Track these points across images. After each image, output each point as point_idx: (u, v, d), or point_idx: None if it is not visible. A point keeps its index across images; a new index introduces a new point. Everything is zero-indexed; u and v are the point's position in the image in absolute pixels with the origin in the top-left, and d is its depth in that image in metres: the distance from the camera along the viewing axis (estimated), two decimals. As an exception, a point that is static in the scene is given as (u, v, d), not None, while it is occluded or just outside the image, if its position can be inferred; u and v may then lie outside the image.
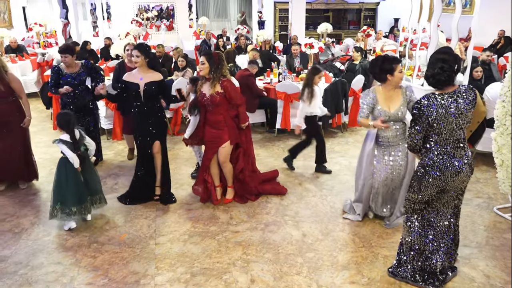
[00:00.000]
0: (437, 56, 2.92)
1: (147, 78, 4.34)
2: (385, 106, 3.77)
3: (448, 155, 2.95)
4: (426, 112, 2.88)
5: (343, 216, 4.31)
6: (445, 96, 2.90)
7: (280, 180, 5.12)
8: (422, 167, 3.04)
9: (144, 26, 16.76)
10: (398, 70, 3.70)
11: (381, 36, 12.10)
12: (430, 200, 3.08)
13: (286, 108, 6.52)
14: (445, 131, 2.90)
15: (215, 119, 4.36)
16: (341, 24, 18.01)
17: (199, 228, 4.14)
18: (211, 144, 4.46)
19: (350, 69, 7.94)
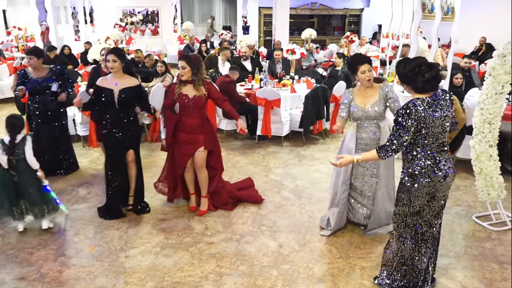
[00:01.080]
0: (411, 66, 2.80)
1: (122, 83, 4.17)
2: (361, 103, 3.84)
3: (435, 160, 2.86)
4: (414, 116, 2.74)
5: (320, 233, 4.11)
6: (429, 100, 2.81)
7: (258, 189, 5.00)
8: (409, 176, 2.91)
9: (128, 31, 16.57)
10: (360, 70, 3.75)
11: (364, 42, 12.15)
12: (421, 210, 2.96)
13: (266, 115, 6.42)
14: (432, 136, 2.82)
15: (193, 122, 4.20)
16: (326, 30, 18.05)
17: (172, 240, 4.00)
18: (186, 147, 4.28)
19: (332, 75, 7.89)
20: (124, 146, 4.29)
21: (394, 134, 2.80)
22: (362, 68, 3.73)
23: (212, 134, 4.36)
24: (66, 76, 5.19)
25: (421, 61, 2.79)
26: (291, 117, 6.73)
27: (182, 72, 4.11)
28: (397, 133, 2.78)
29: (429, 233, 3.02)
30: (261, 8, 16.83)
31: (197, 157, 4.31)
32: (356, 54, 3.95)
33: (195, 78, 4.11)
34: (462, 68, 6.88)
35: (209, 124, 4.33)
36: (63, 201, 4.76)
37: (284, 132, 6.60)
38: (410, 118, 2.74)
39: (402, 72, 2.83)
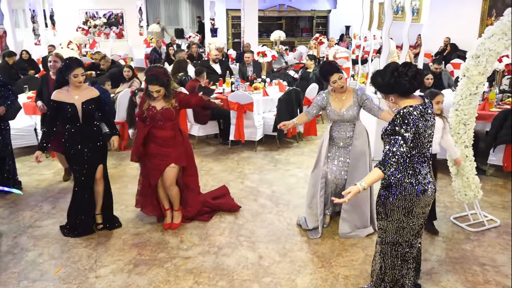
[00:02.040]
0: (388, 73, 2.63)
1: (83, 95, 3.84)
2: (337, 107, 3.89)
3: (414, 171, 2.68)
4: (412, 125, 2.55)
5: (310, 237, 4.06)
6: (421, 108, 2.63)
7: (234, 196, 4.84)
8: (384, 188, 2.76)
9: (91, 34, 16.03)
10: (331, 80, 3.83)
11: (333, 44, 12.19)
12: (401, 228, 2.78)
13: (239, 119, 6.27)
14: (420, 145, 2.64)
15: (163, 135, 3.96)
16: (294, 32, 18.07)
17: (146, 256, 3.77)
18: (156, 162, 4.03)
19: (304, 77, 7.82)
20: (94, 163, 3.99)
21: (393, 144, 2.55)
22: (333, 78, 3.81)
23: (185, 148, 4.11)
24: (8, 87, 4.73)
25: (395, 65, 2.63)
26: (264, 121, 6.61)
27: (158, 95, 3.87)
28: (396, 143, 2.54)
29: (410, 253, 2.88)
30: (229, 10, 16.67)
31: (167, 174, 4.04)
32: (325, 63, 3.96)
33: (168, 94, 3.90)
34: (433, 72, 6.94)
35: (182, 137, 4.09)
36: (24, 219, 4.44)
37: (258, 137, 6.47)
38: (409, 126, 2.54)
39: (382, 83, 2.63)
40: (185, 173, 4.19)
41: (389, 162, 2.55)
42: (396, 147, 2.54)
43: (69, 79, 3.79)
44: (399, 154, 2.54)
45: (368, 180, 2.63)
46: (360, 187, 2.62)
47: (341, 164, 3.99)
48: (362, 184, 2.62)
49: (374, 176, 2.61)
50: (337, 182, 4.02)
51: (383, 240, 2.89)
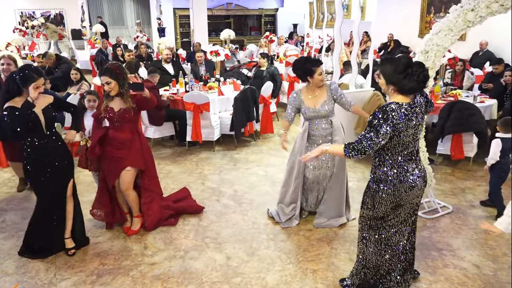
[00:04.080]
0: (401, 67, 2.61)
1: (39, 104, 3.45)
2: (311, 104, 3.91)
3: (402, 169, 2.74)
4: (390, 122, 2.58)
5: (282, 226, 4.19)
6: (407, 107, 2.67)
7: (196, 198, 4.77)
8: (374, 181, 2.82)
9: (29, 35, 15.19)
10: (317, 72, 3.84)
11: (282, 42, 12.35)
12: (386, 216, 2.87)
13: (196, 120, 6.19)
14: (402, 144, 2.70)
15: (121, 137, 3.81)
16: (243, 30, 18.14)
17: (109, 265, 3.63)
18: (112, 165, 3.87)
19: (258, 75, 7.85)
20: (62, 179, 3.63)
21: (365, 135, 2.62)
22: (319, 71, 3.82)
23: (143, 150, 3.95)
24: None
25: (409, 61, 2.62)
26: (221, 121, 6.57)
27: (109, 88, 3.68)
28: (368, 134, 2.61)
29: (395, 238, 2.93)
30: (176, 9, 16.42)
31: (123, 178, 3.87)
32: (307, 58, 3.91)
33: (123, 91, 3.73)
34: (380, 64, 7.23)
35: (140, 139, 3.95)
36: (-29, 235, 4.12)
37: (215, 137, 6.43)
38: (386, 123, 2.58)
39: (391, 72, 2.61)
40: (145, 177, 4.06)
41: (355, 147, 2.64)
42: (366, 137, 2.61)
43: (26, 90, 3.36)
44: (366, 146, 2.61)
45: (332, 149, 2.84)
46: (324, 149, 2.84)
47: (325, 162, 4.00)
48: (326, 147, 2.85)
49: (337, 149, 2.78)
50: (322, 180, 4.07)
51: (364, 227, 2.96)
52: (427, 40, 4.13)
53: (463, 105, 5.51)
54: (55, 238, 3.72)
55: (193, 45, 11.28)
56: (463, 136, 5.49)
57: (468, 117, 5.37)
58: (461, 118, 5.39)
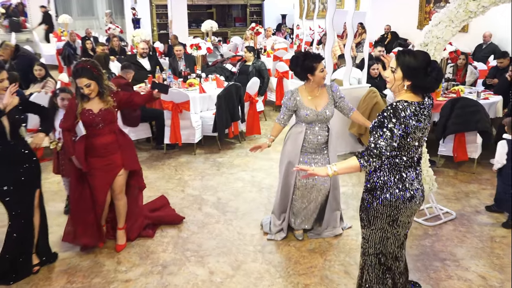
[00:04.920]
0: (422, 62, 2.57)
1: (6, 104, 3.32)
2: (312, 105, 3.81)
3: (401, 176, 2.67)
4: (403, 118, 2.51)
5: (267, 237, 4.15)
6: (416, 107, 2.58)
7: (175, 207, 4.74)
8: (368, 192, 2.74)
9: (-12, 27, 14.98)
10: (319, 69, 3.74)
11: (270, 34, 12.37)
12: (385, 238, 2.78)
13: (174, 120, 6.16)
14: (407, 147, 2.64)
15: (105, 141, 3.74)
16: (226, 21, 18.14)
17: (77, 283, 3.57)
18: (103, 175, 3.78)
19: (243, 71, 7.86)
20: (30, 188, 3.53)
21: (378, 137, 2.50)
22: (321, 66, 3.73)
23: (131, 148, 3.96)
24: None
25: (429, 58, 2.61)
26: (202, 121, 6.56)
27: (89, 90, 3.59)
28: (382, 136, 2.49)
29: (395, 266, 2.89)
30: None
31: (117, 183, 3.85)
32: (306, 53, 3.81)
33: (102, 90, 3.67)
34: (376, 58, 7.28)
35: (124, 137, 3.92)
36: None
37: (196, 139, 6.41)
38: (398, 122, 2.50)
39: (415, 66, 2.56)
40: (135, 175, 4.04)
41: (370, 154, 2.51)
42: (381, 140, 2.50)
43: None
44: (382, 148, 2.50)
45: (341, 166, 2.57)
46: (330, 171, 2.56)
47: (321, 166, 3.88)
48: (333, 168, 2.56)
49: (348, 164, 2.56)
50: (322, 193, 3.99)
51: (365, 251, 2.88)
52: (427, 32, 4.18)
53: (465, 102, 5.58)
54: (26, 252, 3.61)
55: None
56: (466, 135, 5.56)
57: (471, 115, 5.45)
58: (464, 116, 5.46)
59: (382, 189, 2.68)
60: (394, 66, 2.63)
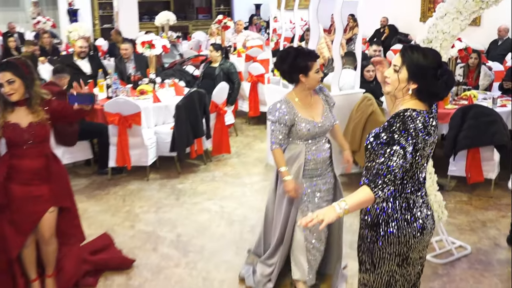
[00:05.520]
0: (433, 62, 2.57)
1: None
2: (310, 116, 3.75)
3: (408, 203, 2.66)
4: (414, 131, 2.52)
5: None
6: (426, 116, 2.59)
7: (122, 247, 4.70)
8: (369, 228, 2.71)
9: None
10: (314, 69, 3.69)
11: (241, 28, 12.48)
12: (393, 282, 2.75)
13: (122, 137, 6.11)
14: (415, 168, 2.63)
15: (33, 165, 3.65)
16: (187, 13, 18.24)
17: None
18: (27, 211, 3.67)
19: (208, 74, 7.89)
20: None
21: (389, 157, 2.47)
22: (316, 66, 3.70)
23: (64, 180, 3.88)
24: None
25: (441, 59, 2.62)
26: (157, 138, 6.54)
27: (11, 89, 3.49)
28: (394, 156, 2.47)
29: None
30: (93, -16, 16.31)
31: (44, 223, 3.72)
32: (297, 49, 3.79)
33: (30, 96, 3.58)
34: (371, 57, 7.41)
35: (58, 164, 3.85)
36: None
37: (150, 160, 6.38)
38: (410, 136, 2.50)
39: (424, 66, 2.56)
40: (65, 217, 3.92)
41: (384, 180, 2.44)
42: (394, 161, 2.45)
43: None
44: (396, 171, 2.45)
45: (352, 201, 2.45)
46: (340, 210, 2.42)
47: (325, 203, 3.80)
48: (341, 205, 2.43)
49: (360, 198, 2.46)
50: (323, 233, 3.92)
51: None
52: (430, 26, 4.29)
53: (479, 110, 5.72)
54: None
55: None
56: (481, 151, 5.69)
57: (486, 127, 5.58)
58: (478, 127, 5.59)
59: (387, 223, 2.65)
60: (399, 64, 2.61)
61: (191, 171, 6.69)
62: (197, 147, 6.68)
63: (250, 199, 5.82)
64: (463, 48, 7.22)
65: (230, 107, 7.82)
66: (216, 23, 11.62)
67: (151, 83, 7.34)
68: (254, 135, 8.27)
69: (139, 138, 6.22)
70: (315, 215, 2.40)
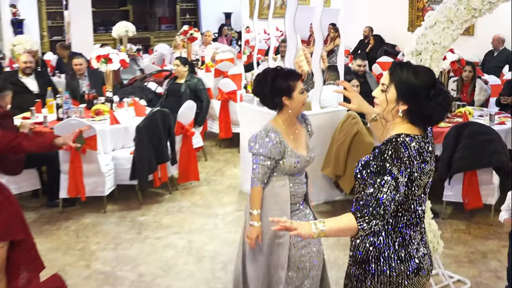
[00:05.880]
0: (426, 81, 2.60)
1: None
2: (299, 147, 3.70)
3: (403, 240, 2.66)
4: (407, 159, 2.53)
5: None
6: (421, 142, 2.62)
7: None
8: (358, 265, 2.71)
9: None
10: (298, 89, 3.63)
11: (210, 40, 12.57)
12: None
13: (75, 164, 6.07)
14: (411, 199, 2.64)
15: None
16: (148, 23, 18.31)
17: None
18: None
19: (173, 91, 7.91)
20: None
21: (379, 188, 2.48)
22: (300, 86, 3.65)
23: (14, 208, 3.85)
24: None
25: (435, 78, 2.66)
26: (116, 164, 6.52)
27: None
28: (385, 187, 2.47)
29: None
30: (42, -8, 16.28)
31: None
32: (276, 70, 3.74)
33: None
34: (355, 73, 7.54)
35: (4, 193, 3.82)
36: None
37: (107, 190, 6.34)
38: (403, 165, 2.50)
39: (414, 84, 2.58)
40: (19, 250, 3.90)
41: (373, 213, 2.45)
42: (384, 192, 2.46)
43: None
44: (386, 204, 2.46)
45: (331, 226, 2.46)
46: (315, 230, 2.41)
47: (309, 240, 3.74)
48: (318, 226, 2.42)
49: (342, 224, 2.48)
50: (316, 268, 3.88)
51: None
52: (419, 37, 4.39)
53: (475, 128, 5.84)
54: None
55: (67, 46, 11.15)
56: (479, 174, 5.79)
57: (483, 146, 5.68)
58: (474, 147, 5.68)
59: (378, 260, 2.64)
60: (387, 83, 2.63)
61: (154, 202, 6.66)
62: (161, 174, 6.67)
63: (222, 232, 5.81)
64: (456, 60, 7.35)
65: (198, 128, 7.83)
66: (181, 35, 11.68)
67: (107, 102, 7.32)
68: (226, 160, 8.29)
69: (94, 165, 6.19)
70: (289, 222, 2.41)
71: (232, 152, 8.49)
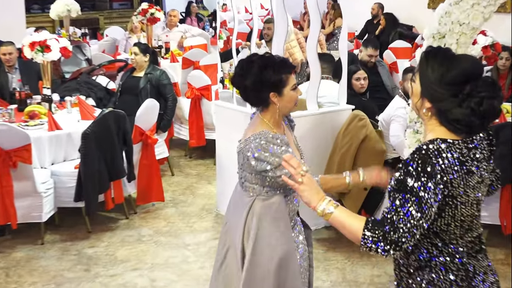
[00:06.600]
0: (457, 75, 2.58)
1: None
2: (296, 153, 3.79)
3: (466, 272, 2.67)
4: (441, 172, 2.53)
5: None
6: (463, 147, 2.62)
7: None
8: None
9: None
10: (291, 85, 3.67)
11: (176, 21, 12.55)
12: None
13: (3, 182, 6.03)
14: (461, 220, 2.64)
15: None
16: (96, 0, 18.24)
17: None
18: None
19: (129, 87, 7.91)
20: None
21: (398, 211, 2.53)
22: (293, 81, 3.71)
23: None
24: None
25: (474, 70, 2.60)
26: (56, 182, 6.50)
27: None
28: (406, 205, 2.52)
29: None
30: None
31: None
32: (266, 56, 3.75)
33: None
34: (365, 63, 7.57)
35: None
36: None
37: (45, 215, 6.31)
38: (433, 179, 2.51)
39: (430, 75, 2.63)
40: None
41: (385, 236, 2.51)
42: (402, 214, 2.51)
43: None
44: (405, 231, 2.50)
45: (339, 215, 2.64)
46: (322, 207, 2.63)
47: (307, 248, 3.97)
48: (329, 207, 2.63)
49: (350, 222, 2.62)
50: None
51: None
52: (442, 16, 4.42)
53: (515, 132, 5.87)
54: None
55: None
56: (520, 189, 5.83)
57: (525, 155, 5.72)
58: (513, 155, 5.73)
59: None
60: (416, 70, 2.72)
61: (106, 229, 6.66)
62: (115, 193, 6.65)
63: (194, 267, 5.81)
64: (489, 45, 7.39)
65: (162, 134, 7.85)
66: (139, 15, 11.66)
67: (45, 102, 7.29)
68: (198, 174, 8.31)
69: (28, 183, 6.16)
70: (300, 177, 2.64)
71: (206, 164, 8.52)
